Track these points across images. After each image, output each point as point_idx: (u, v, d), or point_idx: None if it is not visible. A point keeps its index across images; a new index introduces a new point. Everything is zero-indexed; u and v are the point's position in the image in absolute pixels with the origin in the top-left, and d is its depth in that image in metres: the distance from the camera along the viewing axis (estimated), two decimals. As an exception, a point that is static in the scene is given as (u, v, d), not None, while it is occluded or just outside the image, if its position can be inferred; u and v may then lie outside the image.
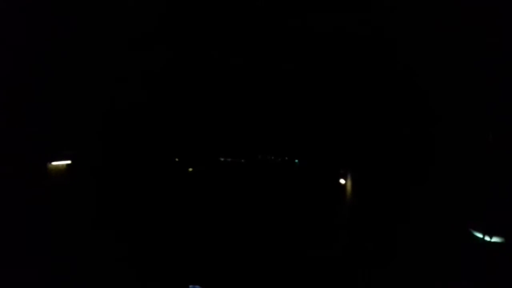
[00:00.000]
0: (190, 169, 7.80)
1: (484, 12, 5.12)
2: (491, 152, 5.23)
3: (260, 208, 7.31)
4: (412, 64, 5.65)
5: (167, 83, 6.67)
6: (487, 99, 5.28)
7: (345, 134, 6.31)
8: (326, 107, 6.27)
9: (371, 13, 5.52)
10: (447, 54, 5.50)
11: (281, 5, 5.47)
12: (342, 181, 6.79)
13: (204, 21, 5.72)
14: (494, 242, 4.94)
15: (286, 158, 7.03)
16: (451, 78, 5.51)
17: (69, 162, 6.13)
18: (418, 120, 5.64)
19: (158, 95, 6.77)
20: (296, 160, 6.96)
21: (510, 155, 5.09)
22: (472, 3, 5.16)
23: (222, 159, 7.58)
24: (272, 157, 6.96)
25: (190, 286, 6.12)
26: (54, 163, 5.91)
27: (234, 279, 6.53)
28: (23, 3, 4.97)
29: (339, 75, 5.85)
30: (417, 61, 5.63)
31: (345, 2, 5.53)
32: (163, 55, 6.31)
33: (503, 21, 5.11)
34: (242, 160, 7.54)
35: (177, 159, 7.73)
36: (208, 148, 7.60)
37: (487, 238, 5.00)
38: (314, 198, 7.14)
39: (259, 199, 7.29)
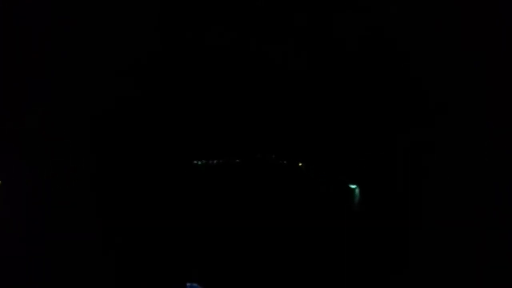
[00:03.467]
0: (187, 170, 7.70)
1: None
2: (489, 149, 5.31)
3: (259, 209, 7.26)
4: (412, 64, 5.66)
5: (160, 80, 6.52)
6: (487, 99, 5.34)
7: (345, 137, 6.30)
8: (326, 108, 6.24)
9: (371, 13, 5.52)
10: (446, 53, 5.53)
11: (281, 5, 5.44)
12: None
13: (204, 16, 5.64)
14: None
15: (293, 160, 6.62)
16: (451, 78, 5.55)
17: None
18: (419, 122, 5.68)
19: (149, 94, 6.62)
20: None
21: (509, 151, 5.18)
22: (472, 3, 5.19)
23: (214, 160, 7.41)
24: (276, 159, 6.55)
25: (188, 284, 6.07)
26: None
27: (233, 279, 6.52)
28: None
29: (342, 74, 5.84)
30: (417, 61, 5.65)
31: (345, 2, 5.52)
32: (157, 53, 6.19)
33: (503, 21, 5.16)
34: (237, 160, 7.33)
35: (171, 162, 7.59)
36: (202, 147, 7.45)
37: None
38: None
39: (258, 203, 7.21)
